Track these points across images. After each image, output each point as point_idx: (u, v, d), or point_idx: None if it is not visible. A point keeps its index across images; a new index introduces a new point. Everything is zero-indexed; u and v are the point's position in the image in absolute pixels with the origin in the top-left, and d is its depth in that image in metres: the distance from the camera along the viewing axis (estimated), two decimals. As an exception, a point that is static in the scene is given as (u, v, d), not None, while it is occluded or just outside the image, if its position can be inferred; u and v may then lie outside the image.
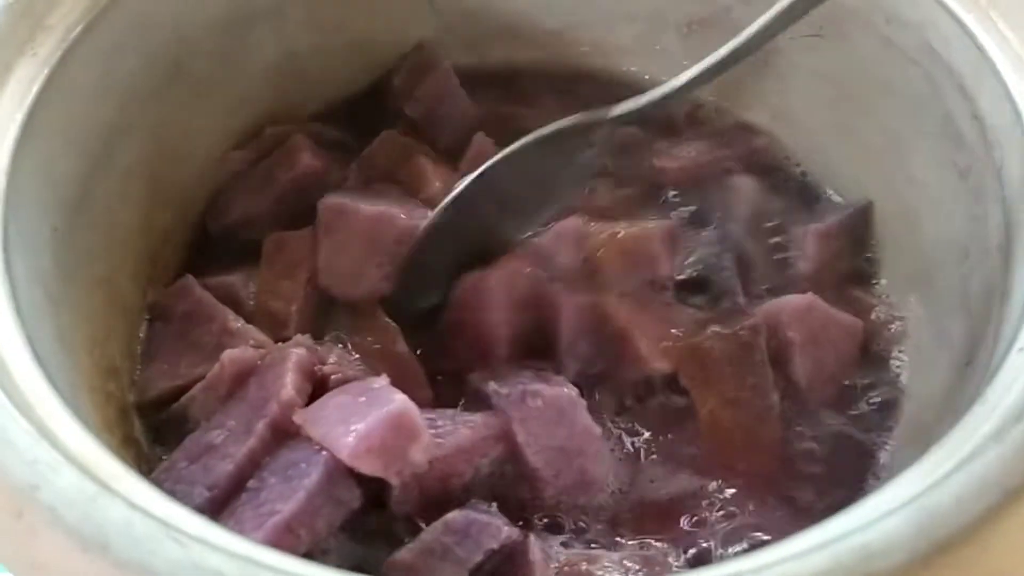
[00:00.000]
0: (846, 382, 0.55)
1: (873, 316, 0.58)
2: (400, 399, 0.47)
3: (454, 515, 0.46)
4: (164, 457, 0.51)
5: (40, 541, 0.32)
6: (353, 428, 0.45)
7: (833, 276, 0.59)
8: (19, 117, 0.47)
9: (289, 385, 0.49)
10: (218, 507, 0.47)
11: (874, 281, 0.60)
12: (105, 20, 0.52)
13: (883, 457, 0.53)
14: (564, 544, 0.49)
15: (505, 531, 0.46)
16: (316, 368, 0.52)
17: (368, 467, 0.45)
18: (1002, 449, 0.35)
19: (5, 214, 0.44)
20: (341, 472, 0.47)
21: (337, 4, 0.64)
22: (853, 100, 0.60)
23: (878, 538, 0.33)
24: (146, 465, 0.51)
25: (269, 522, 0.45)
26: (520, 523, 0.49)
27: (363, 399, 0.47)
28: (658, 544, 0.49)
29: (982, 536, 0.33)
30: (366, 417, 0.46)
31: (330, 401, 0.48)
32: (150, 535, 0.32)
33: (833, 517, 0.35)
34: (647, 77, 0.68)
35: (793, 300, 0.56)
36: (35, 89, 0.48)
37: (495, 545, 0.46)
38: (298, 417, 0.48)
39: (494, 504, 0.49)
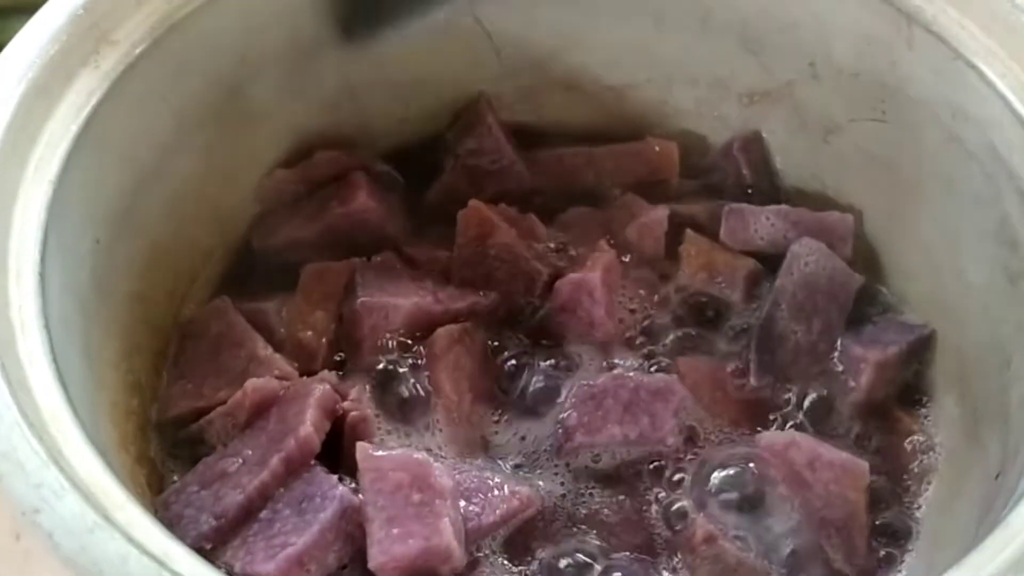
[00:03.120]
0: (844, 526, 0.52)
1: (908, 443, 0.56)
2: (447, 529, 0.46)
3: None
4: (176, 479, 0.52)
5: (35, 566, 0.32)
6: (393, 538, 0.45)
7: (880, 396, 0.57)
8: (74, 128, 0.47)
9: (308, 422, 0.50)
10: (223, 536, 0.48)
11: (918, 398, 0.58)
12: (171, 40, 0.52)
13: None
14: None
15: None
16: (338, 406, 0.52)
17: None
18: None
19: (47, 224, 0.44)
20: (355, 509, 0.47)
21: (401, 41, 0.64)
22: (911, 190, 0.59)
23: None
24: (158, 484, 0.52)
25: (281, 554, 0.46)
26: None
27: (417, 496, 0.47)
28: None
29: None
30: (409, 532, 0.46)
31: (390, 473, 0.47)
32: (144, 573, 0.32)
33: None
34: (706, 141, 0.68)
35: (772, 437, 0.54)
36: (94, 101, 0.49)
37: None
38: (363, 461, 0.48)
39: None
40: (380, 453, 0.48)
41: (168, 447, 0.54)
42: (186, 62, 0.54)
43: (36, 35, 0.48)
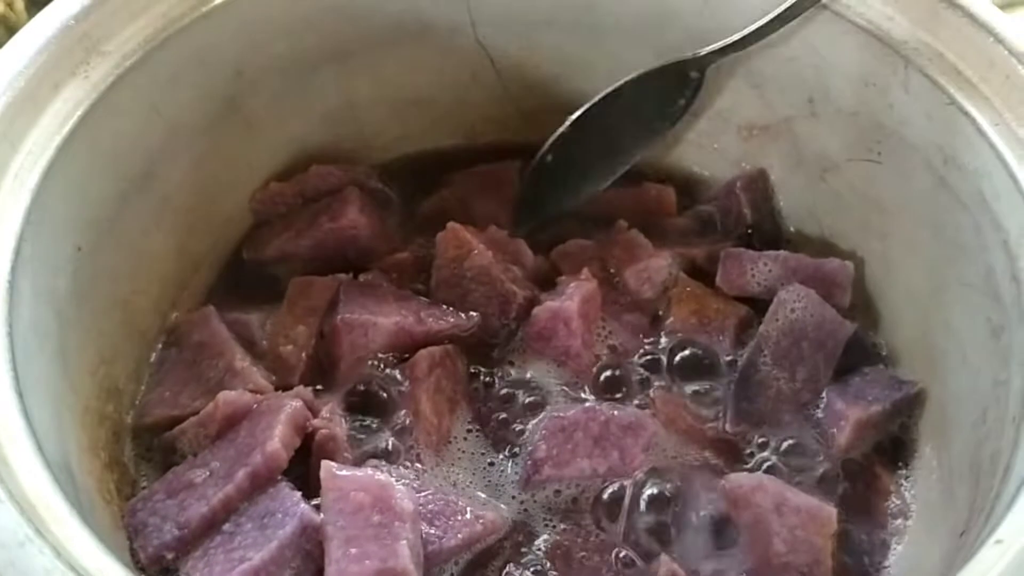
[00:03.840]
0: (809, 572, 0.51)
1: (884, 503, 0.55)
2: (404, 553, 0.46)
3: None
4: (145, 485, 0.52)
5: (-37, 577, 0.33)
6: (350, 558, 0.45)
7: (859, 452, 0.56)
8: (58, 138, 0.48)
9: (276, 438, 0.50)
10: (185, 546, 0.48)
11: (900, 454, 0.57)
12: (164, 52, 0.53)
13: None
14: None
15: None
16: (308, 423, 0.52)
17: None
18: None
19: (21, 233, 0.45)
20: (316, 528, 0.47)
21: (403, 60, 0.64)
22: (902, 235, 0.59)
23: None
24: (128, 488, 0.52)
25: (238, 568, 0.46)
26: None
27: (377, 518, 0.47)
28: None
29: None
30: (366, 553, 0.46)
31: (352, 494, 0.47)
32: (67, 590, 0.32)
33: None
34: (704, 172, 0.68)
35: (739, 479, 0.53)
36: (80, 111, 0.49)
37: None
38: (327, 480, 0.48)
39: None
40: (344, 473, 0.48)
41: (142, 452, 0.54)
42: (180, 74, 0.55)
43: (25, 45, 0.49)
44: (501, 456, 0.55)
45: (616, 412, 0.54)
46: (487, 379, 0.58)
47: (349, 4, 0.61)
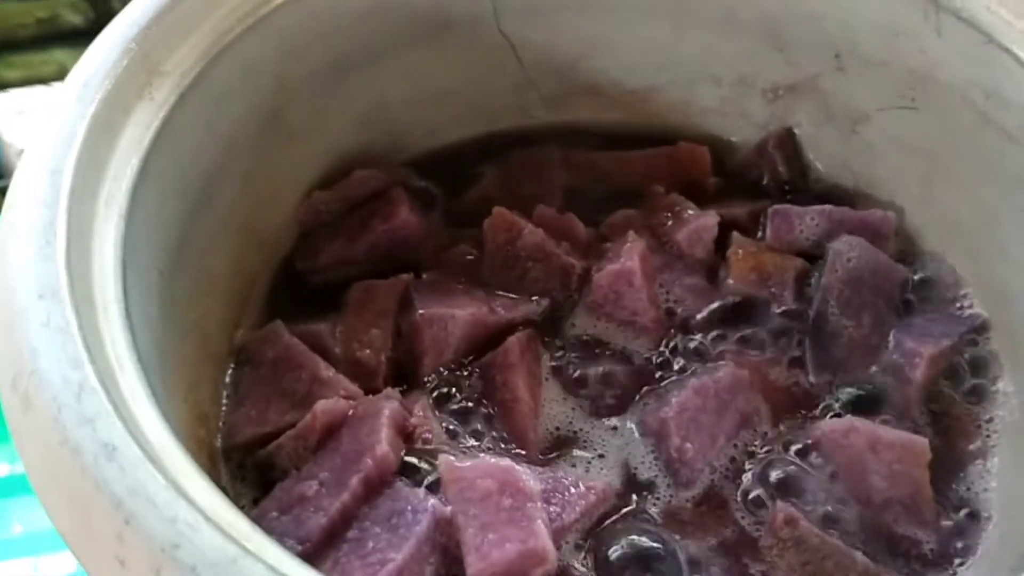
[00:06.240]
0: (913, 502, 0.52)
1: (964, 440, 0.56)
2: (542, 531, 0.46)
3: None
4: (244, 505, 0.51)
5: (179, 602, 0.32)
6: (491, 543, 0.46)
7: (934, 389, 0.58)
8: (135, 162, 0.47)
9: (384, 441, 0.50)
10: (310, 560, 0.46)
11: (975, 386, 0.58)
12: (215, 67, 0.52)
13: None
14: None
15: None
16: (407, 423, 0.52)
17: None
18: None
19: (123, 259, 0.44)
20: (447, 520, 0.47)
21: (428, 57, 0.64)
22: (946, 175, 0.60)
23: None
24: (233, 512, 0.51)
25: (382, 571, 0.45)
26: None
27: (508, 502, 0.47)
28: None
29: None
30: (505, 537, 0.45)
31: (477, 481, 0.47)
32: (293, 600, 0.32)
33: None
34: (732, 138, 0.69)
35: (831, 425, 0.54)
36: (150, 134, 0.48)
37: None
38: (447, 472, 0.48)
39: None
40: (464, 463, 0.48)
41: (234, 471, 0.53)
42: (230, 89, 0.54)
43: (91, 69, 0.48)
44: (594, 425, 0.55)
45: (714, 378, 0.55)
46: (560, 353, 0.58)
47: (378, 5, 0.60)
